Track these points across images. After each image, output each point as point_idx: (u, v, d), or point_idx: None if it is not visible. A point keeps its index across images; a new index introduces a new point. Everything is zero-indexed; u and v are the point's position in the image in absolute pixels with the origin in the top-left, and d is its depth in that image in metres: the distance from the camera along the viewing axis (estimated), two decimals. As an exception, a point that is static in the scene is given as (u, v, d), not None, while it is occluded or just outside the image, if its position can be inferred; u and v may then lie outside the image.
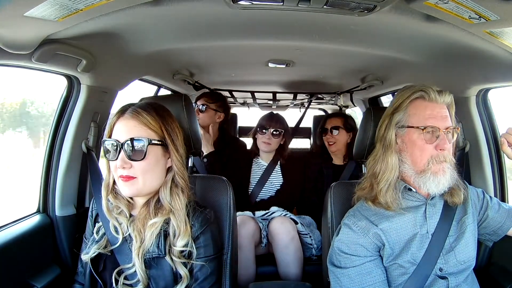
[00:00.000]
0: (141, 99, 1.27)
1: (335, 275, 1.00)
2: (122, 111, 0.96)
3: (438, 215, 1.02)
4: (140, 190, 0.94)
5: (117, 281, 0.95)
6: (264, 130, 1.98)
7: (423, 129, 0.97)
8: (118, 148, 0.91)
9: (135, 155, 0.91)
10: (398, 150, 1.02)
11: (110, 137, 0.95)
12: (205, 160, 1.96)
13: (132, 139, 0.91)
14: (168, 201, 0.96)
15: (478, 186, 1.38)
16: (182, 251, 0.95)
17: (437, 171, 0.96)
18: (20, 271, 1.11)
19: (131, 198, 1.00)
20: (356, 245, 0.99)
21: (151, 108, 0.97)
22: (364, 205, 1.05)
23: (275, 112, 2.11)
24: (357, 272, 0.96)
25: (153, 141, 0.93)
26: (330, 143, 2.07)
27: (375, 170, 1.03)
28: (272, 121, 2.00)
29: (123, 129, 0.93)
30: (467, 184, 1.08)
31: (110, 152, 0.93)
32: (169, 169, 0.99)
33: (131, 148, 0.91)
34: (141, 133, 0.93)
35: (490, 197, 1.09)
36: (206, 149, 1.98)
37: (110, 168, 0.97)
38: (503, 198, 1.38)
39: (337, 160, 2.12)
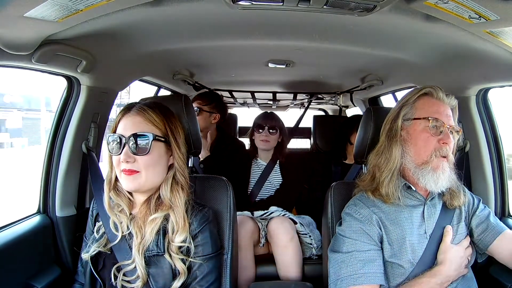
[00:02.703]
0: (142, 99, 1.27)
1: (336, 261, 0.98)
2: (128, 108, 0.99)
3: (436, 216, 1.02)
4: (142, 185, 0.96)
5: (116, 277, 0.96)
6: (260, 130, 2.00)
7: (429, 120, 0.98)
8: (123, 143, 0.94)
9: (139, 149, 0.94)
10: (402, 141, 1.03)
11: (114, 132, 0.97)
12: (201, 165, 1.95)
13: (137, 134, 0.94)
14: (168, 198, 0.98)
15: (478, 185, 1.38)
16: (180, 247, 0.96)
17: (437, 166, 0.97)
18: (21, 272, 1.11)
19: (131, 196, 1.02)
20: (361, 232, 0.99)
21: (155, 106, 1.01)
22: (364, 195, 1.06)
23: (269, 111, 2.14)
24: (359, 258, 0.96)
25: (157, 137, 0.96)
26: None
27: (379, 161, 1.04)
28: (268, 119, 2.03)
29: (128, 125, 0.96)
30: (466, 190, 1.08)
31: (114, 146, 0.95)
32: (170, 167, 1.01)
33: (135, 142, 0.94)
34: (146, 129, 0.96)
35: (485, 207, 1.08)
36: (202, 153, 1.97)
37: (112, 163, 0.98)
38: (503, 198, 1.38)
39: (350, 160, 2.12)
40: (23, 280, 1.11)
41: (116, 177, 0.99)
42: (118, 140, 0.95)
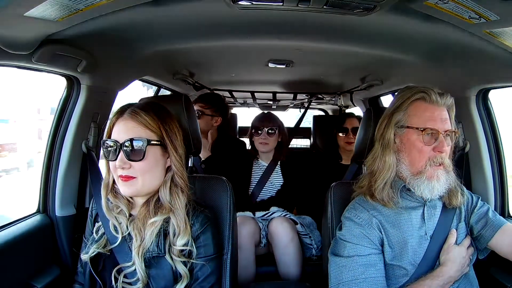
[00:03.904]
0: (141, 100, 1.27)
1: (337, 265, 0.98)
2: (121, 112, 0.96)
3: (436, 217, 1.02)
4: (139, 190, 0.95)
5: (116, 280, 0.95)
6: (259, 132, 1.98)
7: (422, 131, 0.97)
8: (118, 149, 0.92)
9: (134, 155, 0.92)
10: (396, 149, 1.02)
11: (109, 137, 0.95)
12: (202, 166, 1.95)
13: (131, 140, 0.92)
14: (168, 200, 0.96)
15: (478, 186, 1.38)
16: (182, 250, 0.95)
17: (431, 176, 0.96)
18: (20, 272, 1.11)
19: (130, 197, 1.01)
20: (362, 236, 0.98)
21: (149, 108, 0.97)
22: (363, 198, 1.05)
23: (266, 111, 2.13)
24: (360, 263, 0.95)
25: (151, 142, 0.94)
26: (350, 142, 2.08)
27: (373, 168, 1.03)
28: (265, 120, 2.01)
29: (122, 130, 0.94)
30: (464, 189, 1.08)
31: (109, 152, 0.93)
32: (168, 169, 0.99)
33: (130, 148, 0.92)
34: (140, 134, 0.93)
35: (484, 203, 1.08)
36: (203, 154, 1.97)
37: (109, 168, 0.97)
38: (503, 199, 1.38)
39: (346, 160, 2.12)
40: (23, 280, 1.11)
41: (114, 180, 0.98)
42: (113, 146, 0.93)
